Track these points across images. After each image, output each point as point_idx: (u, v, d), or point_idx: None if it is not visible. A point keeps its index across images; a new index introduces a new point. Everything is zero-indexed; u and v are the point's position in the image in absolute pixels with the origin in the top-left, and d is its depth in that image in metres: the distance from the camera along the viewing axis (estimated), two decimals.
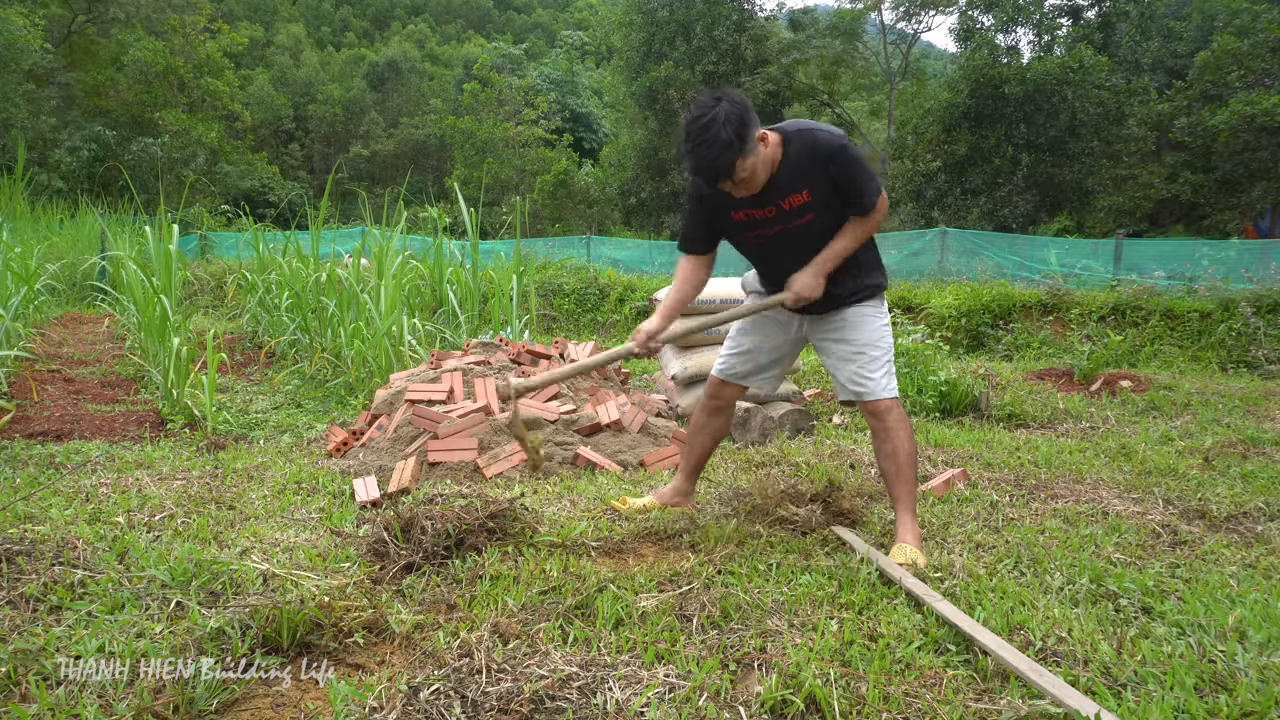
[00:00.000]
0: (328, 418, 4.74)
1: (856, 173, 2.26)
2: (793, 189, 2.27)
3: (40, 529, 2.39)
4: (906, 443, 2.40)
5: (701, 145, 2.10)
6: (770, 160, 2.23)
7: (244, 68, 39.31)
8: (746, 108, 2.13)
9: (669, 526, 2.52)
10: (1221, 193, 19.56)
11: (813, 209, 2.29)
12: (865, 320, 2.44)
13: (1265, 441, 4.02)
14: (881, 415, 2.40)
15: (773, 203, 2.29)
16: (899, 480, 2.40)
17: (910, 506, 2.41)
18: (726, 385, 2.68)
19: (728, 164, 2.11)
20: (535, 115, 28.75)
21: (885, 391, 2.40)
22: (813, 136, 2.25)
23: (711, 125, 2.07)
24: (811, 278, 2.35)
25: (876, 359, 2.42)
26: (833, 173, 2.26)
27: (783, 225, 2.33)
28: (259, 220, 11.12)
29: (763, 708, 1.54)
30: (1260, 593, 2.09)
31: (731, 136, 2.08)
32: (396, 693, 1.55)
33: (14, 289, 6.31)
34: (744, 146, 2.11)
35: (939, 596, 1.96)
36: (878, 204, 2.30)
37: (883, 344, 2.44)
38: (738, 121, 2.09)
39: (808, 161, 2.25)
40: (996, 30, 20.71)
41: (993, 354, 8.35)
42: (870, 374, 2.41)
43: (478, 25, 62.10)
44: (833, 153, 2.24)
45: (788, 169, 2.25)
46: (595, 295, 11.22)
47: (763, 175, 2.23)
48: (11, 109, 21.62)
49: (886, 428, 2.40)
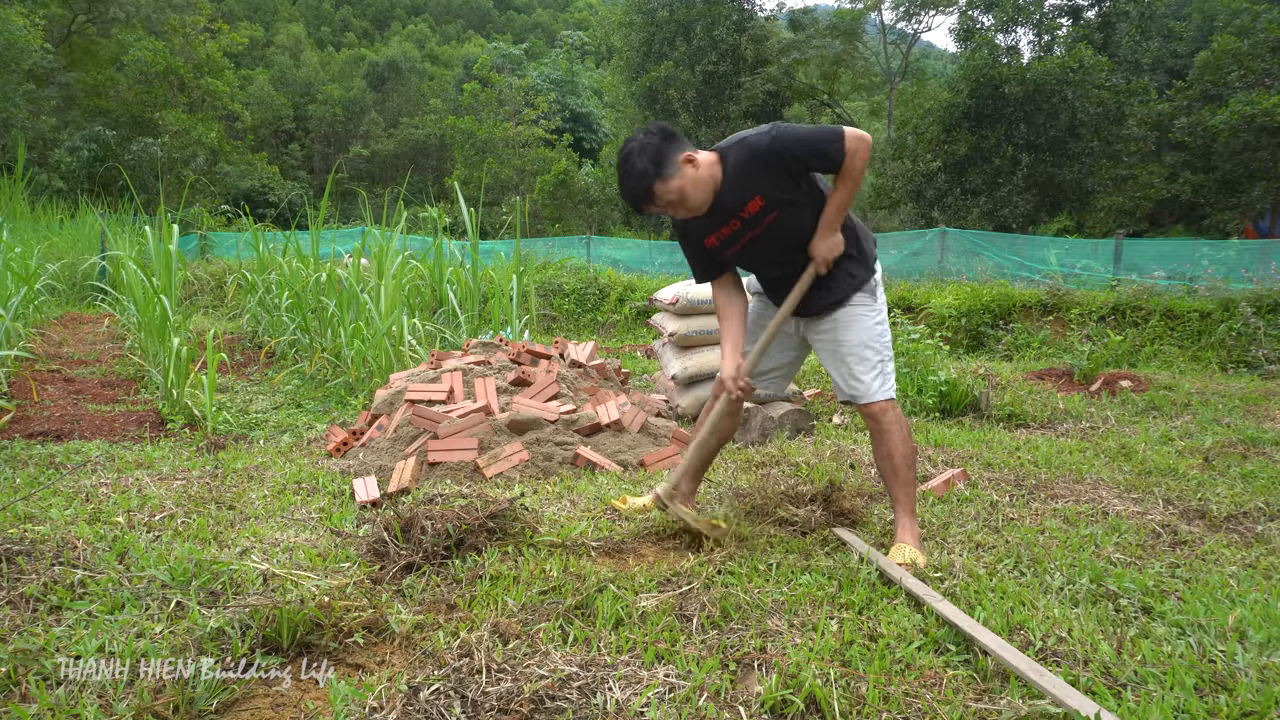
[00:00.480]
0: (328, 418, 4.74)
1: (799, 147, 2.26)
2: (744, 199, 2.33)
3: (40, 529, 2.39)
4: (903, 444, 2.40)
5: (624, 177, 2.29)
6: (710, 180, 2.30)
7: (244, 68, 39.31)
8: (664, 136, 2.27)
9: (669, 526, 2.52)
10: (1221, 193, 19.56)
11: (772, 208, 2.34)
12: (857, 320, 2.43)
13: (1265, 441, 4.02)
14: (876, 417, 2.40)
15: (733, 217, 2.36)
16: (896, 481, 2.40)
17: (909, 507, 2.41)
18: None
19: (646, 189, 2.25)
20: (535, 115, 28.75)
21: (879, 394, 2.40)
22: (743, 145, 2.32)
23: (629, 157, 2.26)
24: (827, 239, 2.37)
25: (868, 360, 2.41)
26: (776, 164, 2.28)
27: (751, 233, 2.39)
28: (259, 220, 11.12)
29: (763, 708, 1.54)
30: (1260, 593, 2.09)
31: (647, 165, 2.23)
32: (396, 693, 1.55)
33: (14, 289, 6.31)
34: (660, 171, 2.24)
35: (939, 597, 1.96)
36: (847, 148, 2.25)
37: (876, 344, 2.43)
38: (654, 150, 2.25)
39: (748, 170, 2.30)
40: (996, 30, 20.72)
41: (993, 354, 8.35)
42: (862, 376, 2.41)
43: (478, 25, 62.11)
44: (763, 149, 2.27)
45: (731, 183, 2.32)
46: (595, 295, 11.22)
47: (699, 195, 2.30)
48: (11, 109, 21.62)
49: (882, 429, 2.40)
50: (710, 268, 2.54)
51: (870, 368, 2.41)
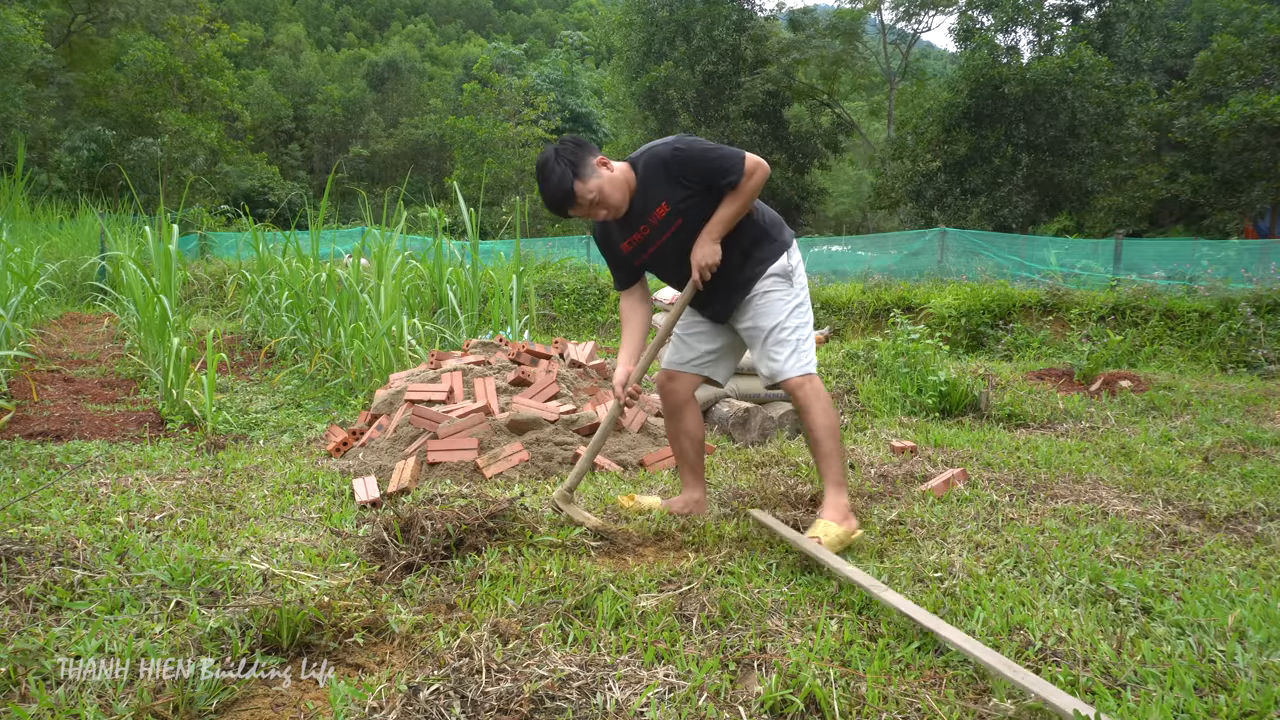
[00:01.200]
0: (327, 418, 4.74)
1: (701, 162, 2.39)
2: (652, 205, 2.44)
3: (40, 529, 2.39)
4: (823, 416, 2.44)
5: (543, 183, 2.38)
6: (624, 185, 2.42)
7: (244, 68, 39.30)
8: (578, 144, 2.40)
9: (669, 526, 2.52)
10: (1221, 193, 19.56)
11: (678, 215, 2.44)
12: (772, 303, 2.52)
13: (1265, 441, 4.02)
14: (794, 392, 2.47)
15: (642, 222, 2.47)
16: (819, 454, 2.46)
17: (836, 479, 2.43)
18: (674, 378, 2.71)
19: (566, 190, 2.34)
20: (535, 115, 28.75)
21: (794, 370, 2.46)
22: (651, 152, 2.43)
23: (546, 164, 2.37)
24: (705, 246, 2.46)
25: (783, 340, 2.49)
26: (679, 174, 2.39)
27: (660, 239, 2.49)
28: (259, 220, 11.12)
29: (763, 708, 1.54)
30: (1260, 593, 2.09)
31: (565, 169, 2.34)
32: (396, 693, 1.55)
33: (14, 289, 6.31)
34: (578, 171, 2.35)
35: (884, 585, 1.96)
36: (747, 171, 2.38)
37: (790, 322, 2.50)
38: (569, 154, 2.37)
39: (655, 176, 2.42)
40: (996, 30, 20.72)
41: (992, 354, 8.35)
42: (776, 354, 2.48)
43: (478, 25, 62.10)
44: (667, 158, 2.40)
45: (642, 190, 2.44)
46: (595, 295, 11.22)
47: (617, 197, 2.40)
48: (11, 109, 21.62)
49: (801, 404, 2.47)
50: (628, 277, 2.65)
51: (785, 347, 2.48)
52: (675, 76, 22.69)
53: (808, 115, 26.71)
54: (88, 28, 27.63)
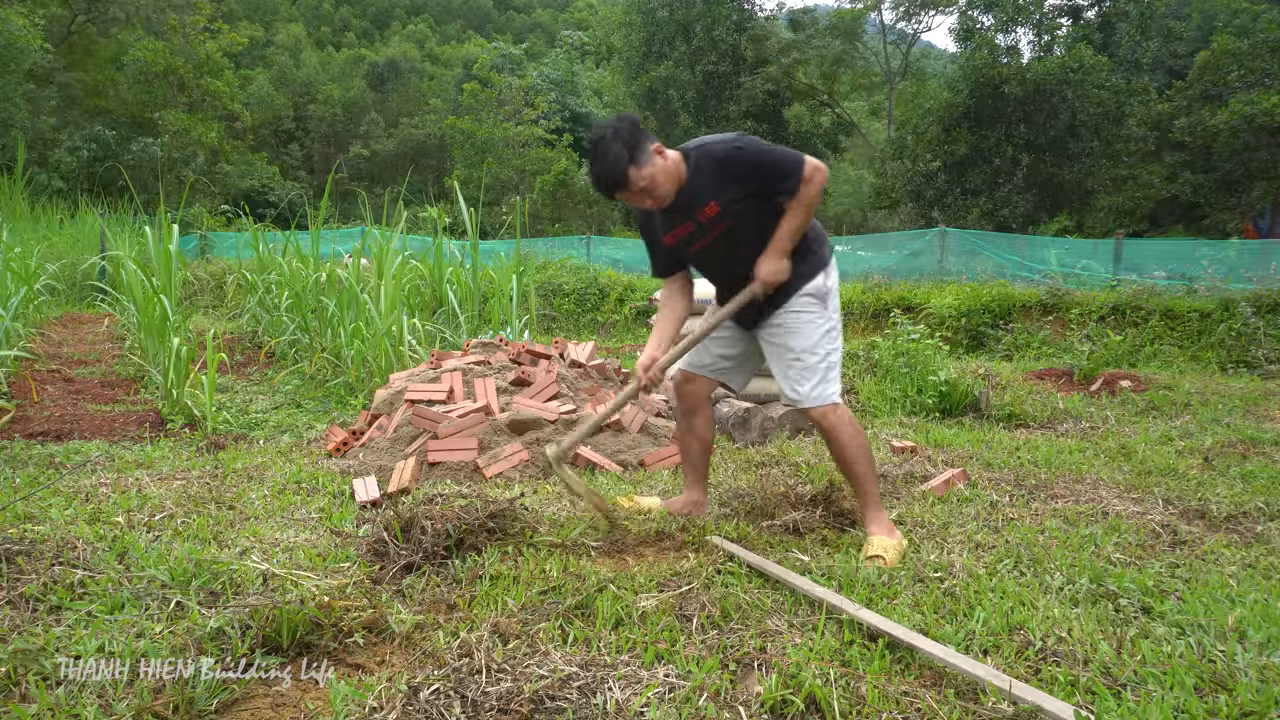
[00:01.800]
0: (328, 418, 4.74)
1: (760, 166, 2.31)
2: (701, 203, 2.35)
3: (40, 529, 2.39)
4: (852, 441, 2.41)
5: (597, 162, 2.26)
6: (675, 176, 2.33)
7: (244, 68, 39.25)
8: (635, 124, 2.28)
9: (669, 526, 2.52)
10: (1221, 193, 19.54)
11: (726, 218, 2.36)
12: (803, 326, 2.44)
13: (1265, 441, 4.02)
14: (819, 421, 2.42)
15: (689, 218, 2.39)
16: (853, 477, 2.44)
17: (872, 500, 2.43)
18: (690, 380, 2.69)
19: (621, 173, 2.24)
20: (535, 115, 28.74)
21: (817, 400, 2.40)
22: (708, 149, 2.34)
23: (603, 142, 2.24)
24: (774, 262, 2.39)
25: (812, 367, 2.41)
26: (735, 175, 2.31)
27: (704, 239, 2.42)
28: (259, 220, 11.11)
29: (763, 708, 1.54)
30: (1260, 593, 2.09)
31: (621, 149, 2.22)
32: (396, 693, 1.55)
33: (14, 289, 6.31)
34: (634, 155, 2.24)
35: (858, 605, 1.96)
36: (805, 176, 2.31)
37: (819, 350, 2.43)
38: (626, 135, 2.24)
39: (710, 175, 2.32)
40: (996, 30, 20.71)
41: (993, 354, 8.35)
42: (802, 383, 2.42)
43: (478, 25, 62.08)
44: (726, 157, 2.31)
45: (693, 185, 2.34)
46: (595, 295, 11.22)
47: (667, 187, 2.31)
48: (11, 109, 21.61)
49: (826, 432, 2.42)
50: (667, 264, 2.60)
51: (810, 374, 2.41)
52: (675, 76, 22.69)
53: (808, 115, 26.70)
54: (88, 28, 27.59)
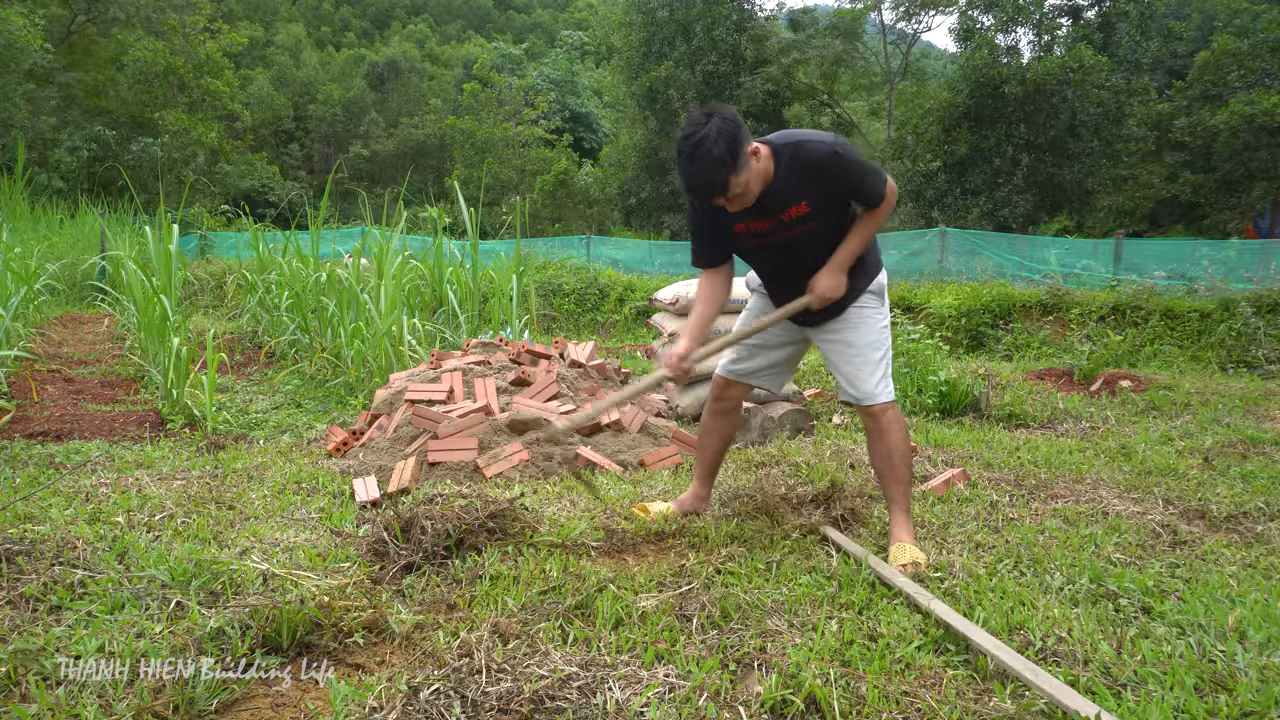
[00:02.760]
0: (328, 418, 4.74)
1: (852, 173, 2.25)
2: (790, 201, 2.26)
3: (40, 529, 2.39)
4: (901, 443, 2.43)
5: (694, 162, 2.09)
6: (763, 174, 2.22)
7: (244, 68, 39.27)
8: (738, 124, 2.12)
9: (669, 526, 2.52)
10: (1221, 193, 19.55)
11: (814, 217, 2.30)
12: (865, 321, 2.45)
13: (1265, 441, 4.02)
14: (877, 417, 2.42)
15: (773, 216, 2.29)
16: (894, 480, 2.43)
17: (905, 506, 2.44)
18: (731, 385, 2.68)
19: (720, 181, 2.11)
20: (535, 115, 28.75)
21: (883, 395, 2.42)
22: (804, 148, 2.23)
23: (704, 143, 2.06)
24: (833, 278, 2.35)
25: (874, 361, 2.43)
26: (828, 179, 2.25)
27: (784, 235, 2.33)
28: (259, 220, 11.11)
29: (763, 708, 1.54)
30: (1260, 593, 2.09)
31: (724, 153, 2.07)
32: (396, 693, 1.55)
33: (14, 289, 6.30)
34: (736, 163, 2.10)
35: (931, 596, 1.96)
36: (885, 193, 2.29)
37: (881, 345, 2.45)
38: (730, 138, 2.08)
39: (801, 173, 2.23)
40: (996, 30, 20.70)
41: (993, 354, 8.35)
42: (869, 378, 2.42)
43: (478, 25, 62.08)
44: (823, 160, 2.21)
45: (781, 182, 2.24)
46: (595, 295, 11.22)
47: (756, 189, 2.21)
48: (11, 109, 21.61)
49: (881, 429, 2.42)
50: (717, 254, 2.48)
51: (875, 369, 2.42)
52: (675, 76, 22.67)
53: (808, 115, 26.68)
54: (88, 28, 27.59)
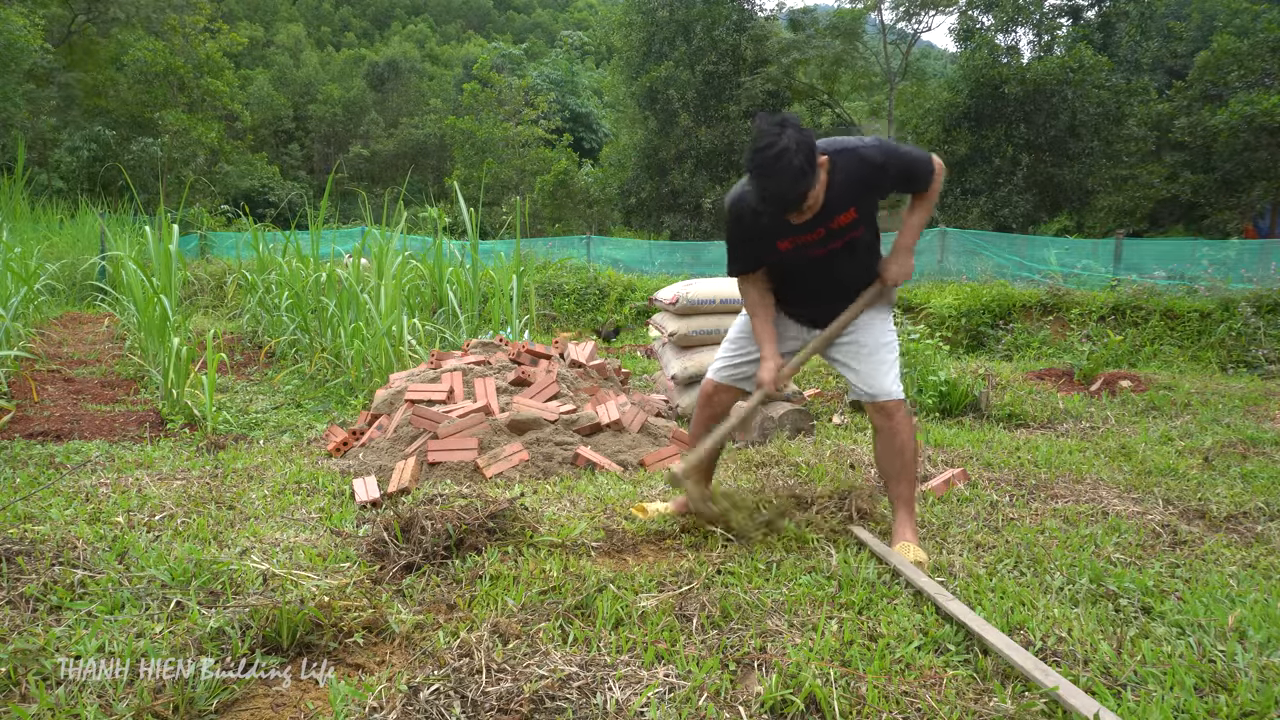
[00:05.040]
0: (328, 418, 4.74)
1: (905, 172, 2.30)
2: (840, 209, 2.25)
3: (40, 529, 2.39)
4: (911, 441, 2.45)
5: (773, 176, 2.03)
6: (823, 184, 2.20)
7: (244, 68, 39.27)
8: (811, 133, 2.08)
9: (669, 526, 2.52)
10: (1221, 193, 19.55)
11: (860, 224, 2.32)
12: (874, 323, 2.49)
13: (1265, 441, 4.02)
14: (891, 414, 2.44)
15: (821, 225, 2.27)
16: (902, 478, 2.44)
17: (910, 506, 2.46)
18: (722, 390, 2.62)
19: (801, 194, 2.07)
20: (535, 115, 28.74)
21: (897, 392, 2.45)
22: (855, 156, 2.22)
23: (784, 155, 2.00)
24: (903, 261, 2.41)
25: (887, 360, 2.46)
26: (887, 185, 2.29)
27: (830, 245, 2.33)
28: (259, 220, 11.12)
29: (763, 708, 1.54)
30: (1260, 593, 2.09)
31: (804, 165, 2.02)
32: (396, 693, 1.55)
33: (14, 289, 6.30)
34: (814, 175, 2.08)
35: (950, 595, 1.96)
36: (933, 174, 2.34)
37: (892, 345, 2.50)
38: (807, 149, 2.03)
39: (854, 181, 2.23)
40: (996, 30, 20.71)
41: (993, 354, 8.35)
42: (884, 374, 2.45)
43: (478, 25, 62.09)
44: (875, 166, 2.23)
45: (835, 190, 2.21)
46: (595, 295, 11.22)
47: (820, 200, 2.21)
48: (11, 109, 21.61)
49: (894, 427, 2.44)
50: (756, 263, 2.48)
51: (889, 368, 2.46)
52: (675, 76, 22.67)
53: (808, 115, 26.67)
54: (88, 28, 27.58)
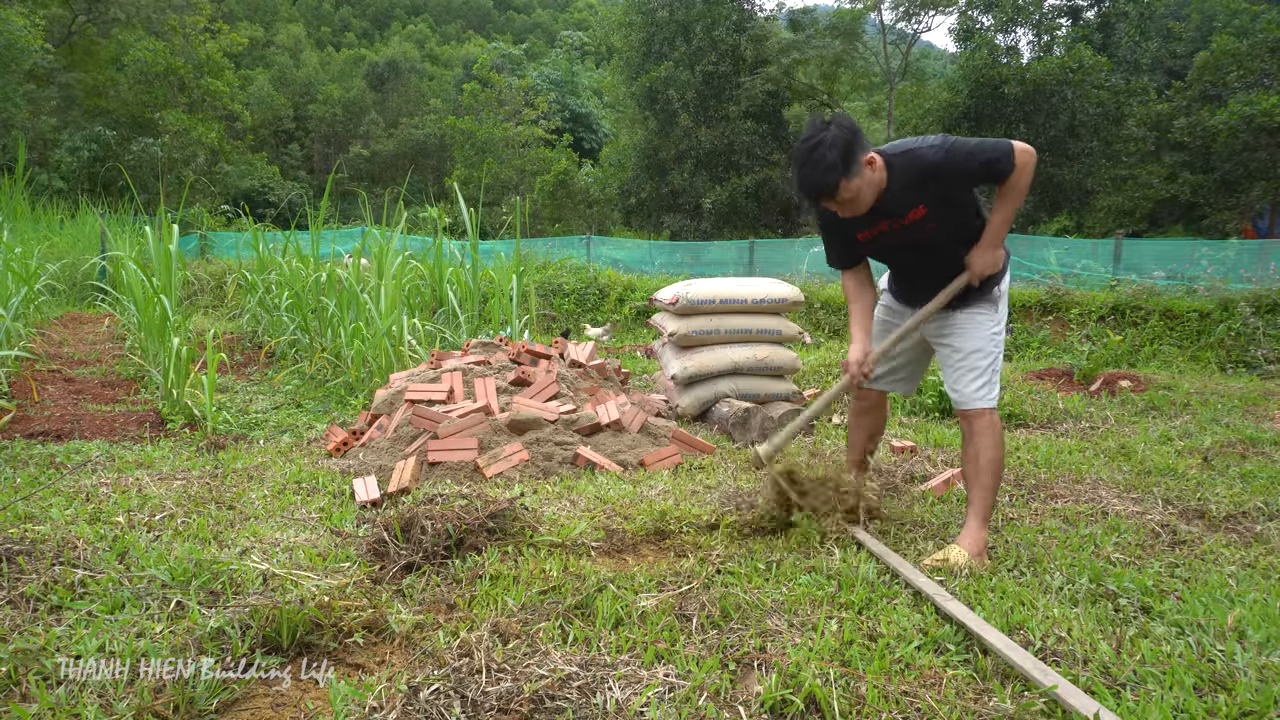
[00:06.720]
0: (328, 418, 4.74)
1: (968, 167, 2.28)
2: (907, 206, 2.33)
3: (40, 529, 2.39)
4: (990, 449, 2.41)
5: (807, 166, 2.21)
6: (877, 183, 2.29)
7: (244, 68, 39.30)
8: (855, 132, 2.21)
9: (669, 526, 2.52)
10: (1221, 193, 19.57)
11: (932, 219, 2.36)
12: (975, 326, 2.48)
13: (1264, 441, 4.02)
14: (971, 421, 2.45)
15: (890, 219, 2.37)
16: (977, 485, 2.42)
17: (981, 513, 2.39)
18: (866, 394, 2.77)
19: (831, 184, 2.21)
20: (535, 115, 28.76)
21: (980, 401, 2.43)
22: (913, 155, 2.30)
23: (819, 148, 2.18)
24: (986, 254, 2.40)
25: (979, 368, 2.45)
26: (946, 182, 2.30)
27: (908, 238, 2.41)
28: (259, 220, 11.12)
29: (763, 708, 1.54)
30: (1259, 592, 2.09)
31: (836, 159, 2.18)
32: (396, 693, 1.55)
33: (14, 289, 6.30)
34: (848, 169, 2.20)
35: (948, 595, 1.96)
36: (1015, 163, 2.29)
37: (989, 353, 2.47)
38: (844, 145, 2.18)
39: (916, 180, 2.30)
40: (996, 30, 20.74)
41: None
42: (969, 383, 2.45)
43: (478, 25, 62.12)
44: (931, 168, 2.27)
45: (895, 190, 2.31)
46: (595, 295, 11.22)
47: (869, 197, 2.29)
48: (11, 109, 21.62)
49: (974, 433, 2.44)
50: (851, 257, 2.60)
51: (977, 376, 2.45)
52: (675, 76, 22.69)
53: (808, 115, 26.70)
54: (88, 28, 27.58)
